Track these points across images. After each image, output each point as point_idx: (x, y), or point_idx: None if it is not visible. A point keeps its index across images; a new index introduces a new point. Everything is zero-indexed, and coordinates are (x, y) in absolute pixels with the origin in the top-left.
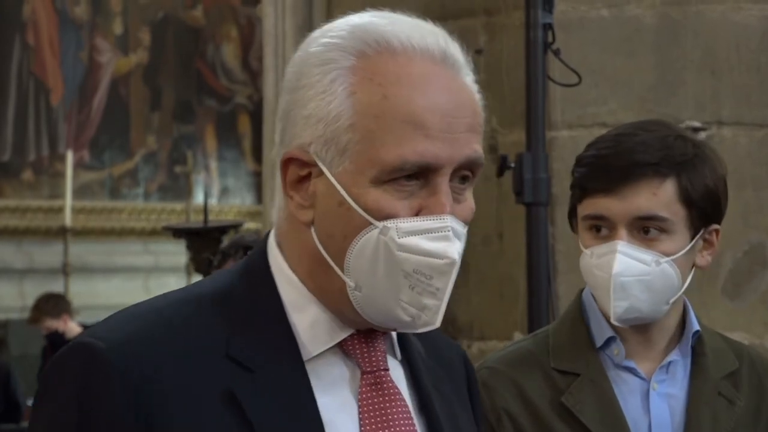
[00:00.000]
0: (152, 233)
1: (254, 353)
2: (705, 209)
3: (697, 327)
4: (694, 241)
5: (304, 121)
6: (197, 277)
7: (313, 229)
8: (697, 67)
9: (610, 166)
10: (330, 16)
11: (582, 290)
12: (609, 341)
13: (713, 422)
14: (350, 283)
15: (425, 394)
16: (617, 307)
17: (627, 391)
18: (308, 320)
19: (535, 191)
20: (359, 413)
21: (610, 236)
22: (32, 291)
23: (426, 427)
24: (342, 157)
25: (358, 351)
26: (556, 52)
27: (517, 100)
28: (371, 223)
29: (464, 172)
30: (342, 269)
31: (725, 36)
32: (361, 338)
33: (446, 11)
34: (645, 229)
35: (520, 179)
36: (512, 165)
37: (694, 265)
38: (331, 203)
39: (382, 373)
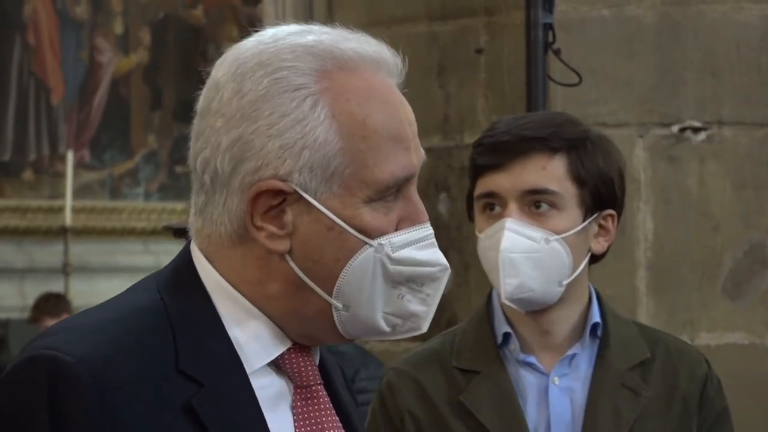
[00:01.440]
0: (153, 233)
1: (201, 367)
2: (598, 191)
3: (597, 319)
4: (586, 222)
5: (279, 152)
6: None
7: (288, 257)
8: (698, 67)
9: (500, 143)
10: (331, 17)
11: (492, 289)
12: (506, 337)
13: (614, 414)
14: (338, 305)
15: (339, 397)
16: (507, 285)
17: (527, 387)
18: (250, 334)
19: None
20: (295, 428)
21: (502, 214)
22: (33, 291)
23: (345, 428)
24: (329, 183)
25: (295, 365)
26: (557, 52)
27: (517, 100)
28: (366, 243)
29: None
30: (330, 292)
31: (726, 36)
32: (298, 352)
33: (447, 11)
34: (536, 203)
35: None
36: None
37: (590, 250)
38: (317, 229)
39: (319, 387)
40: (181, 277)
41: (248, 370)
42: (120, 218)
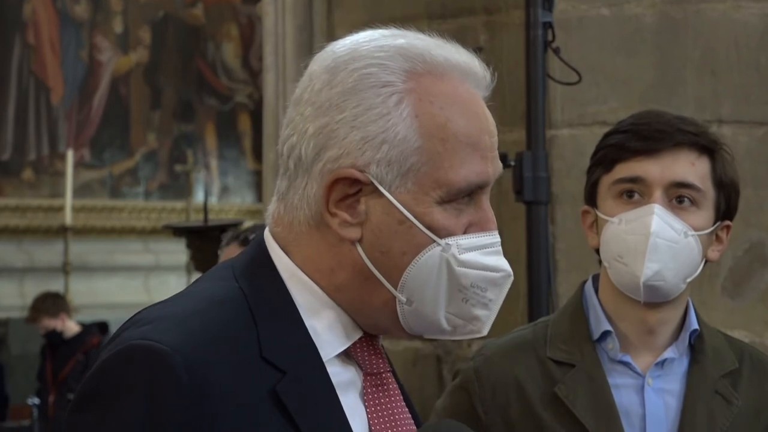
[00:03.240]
0: (153, 232)
1: (283, 356)
2: (729, 198)
3: (696, 326)
4: (714, 226)
5: (360, 143)
6: (197, 276)
7: (359, 246)
8: (697, 66)
9: (653, 131)
10: (330, 15)
11: (584, 283)
12: (605, 335)
13: (709, 420)
14: (402, 298)
15: (400, 384)
16: (648, 269)
17: (622, 385)
18: (325, 324)
19: (535, 190)
20: (368, 414)
21: (644, 202)
22: (33, 290)
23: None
24: (404, 178)
25: (366, 353)
26: (556, 51)
27: (517, 99)
28: (434, 241)
29: None
30: (395, 284)
31: (725, 34)
32: (367, 340)
33: (446, 10)
34: (679, 198)
35: (520, 178)
36: (512, 163)
37: (704, 256)
38: (388, 221)
39: (388, 374)
40: (258, 267)
41: (324, 359)
42: (120, 217)
